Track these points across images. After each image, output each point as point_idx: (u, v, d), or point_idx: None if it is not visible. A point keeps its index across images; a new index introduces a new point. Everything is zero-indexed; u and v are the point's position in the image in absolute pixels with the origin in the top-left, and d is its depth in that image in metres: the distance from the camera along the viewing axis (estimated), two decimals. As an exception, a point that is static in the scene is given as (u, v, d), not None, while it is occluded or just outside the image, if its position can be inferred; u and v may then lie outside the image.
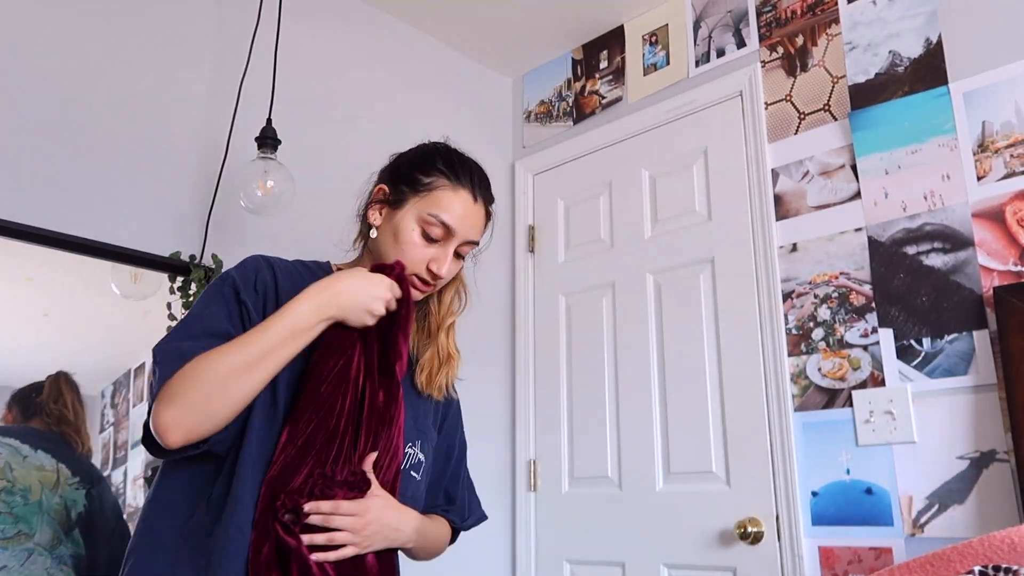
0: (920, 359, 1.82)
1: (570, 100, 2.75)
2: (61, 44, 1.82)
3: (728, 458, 2.09)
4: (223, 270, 1.88)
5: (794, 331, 2.04)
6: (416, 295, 1.23)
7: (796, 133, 2.14)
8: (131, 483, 1.76)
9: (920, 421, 1.80)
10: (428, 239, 1.21)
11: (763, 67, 2.24)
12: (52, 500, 1.56)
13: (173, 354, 1.03)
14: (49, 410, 1.64)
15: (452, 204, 1.21)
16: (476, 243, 1.27)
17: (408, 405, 1.21)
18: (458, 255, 1.25)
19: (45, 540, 1.53)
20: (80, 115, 1.82)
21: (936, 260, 1.84)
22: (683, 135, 2.40)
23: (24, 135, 1.73)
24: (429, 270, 1.21)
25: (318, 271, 1.24)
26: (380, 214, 1.24)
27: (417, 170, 1.23)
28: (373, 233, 1.24)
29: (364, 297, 1.11)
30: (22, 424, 1.61)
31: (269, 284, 1.16)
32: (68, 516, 1.58)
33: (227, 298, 1.12)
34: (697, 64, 2.41)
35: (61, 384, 1.68)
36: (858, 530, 1.85)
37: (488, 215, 1.28)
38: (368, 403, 1.10)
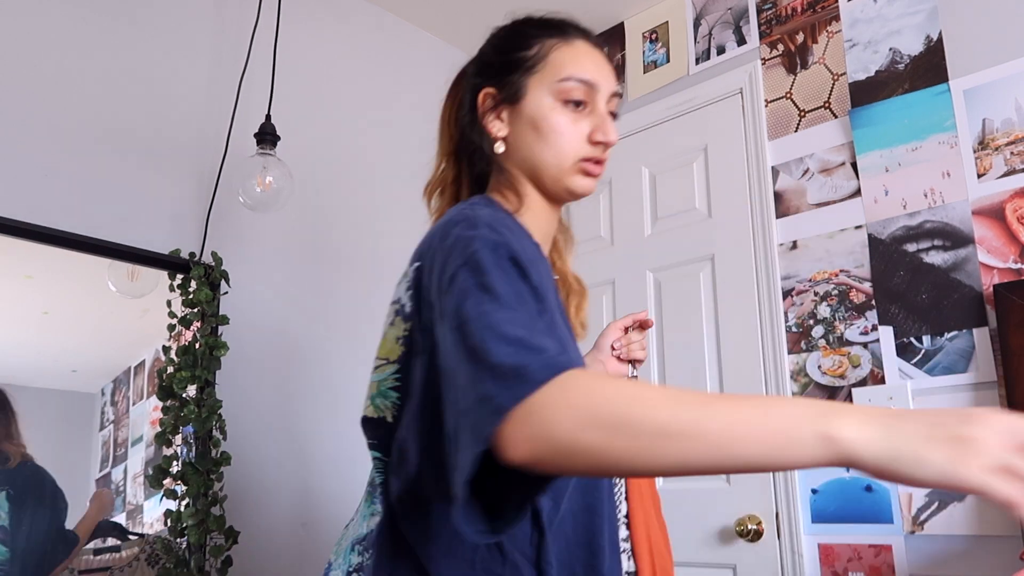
0: (920, 357, 1.82)
1: (570, 97, 2.75)
2: (59, 42, 1.81)
3: (728, 456, 2.09)
4: (221, 267, 1.88)
5: (794, 329, 2.04)
6: (592, 185, 1.03)
7: (796, 130, 2.14)
8: (131, 481, 1.76)
9: (920, 419, 1.79)
10: (575, 108, 0.99)
11: (763, 64, 2.24)
12: None
13: (565, 362, 0.67)
14: None
15: (578, 57, 1.00)
16: (619, 94, 1.05)
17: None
18: (611, 115, 1.03)
19: None
20: (79, 112, 1.82)
21: (936, 258, 1.84)
22: (683, 132, 2.39)
23: (23, 132, 1.72)
24: (595, 143, 1.00)
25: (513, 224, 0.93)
26: (501, 119, 1.01)
27: (516, 50, 1.01)
28: (499, 147, 1.00)
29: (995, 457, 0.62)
30: None
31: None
32: None
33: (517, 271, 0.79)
34: (697, 61, 2.41)
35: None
36: (858, 527, 1.85)
37: (610, 60, 1.07)
38: None
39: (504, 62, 1.02)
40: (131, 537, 1.73)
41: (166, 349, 1.80)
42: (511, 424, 0.65)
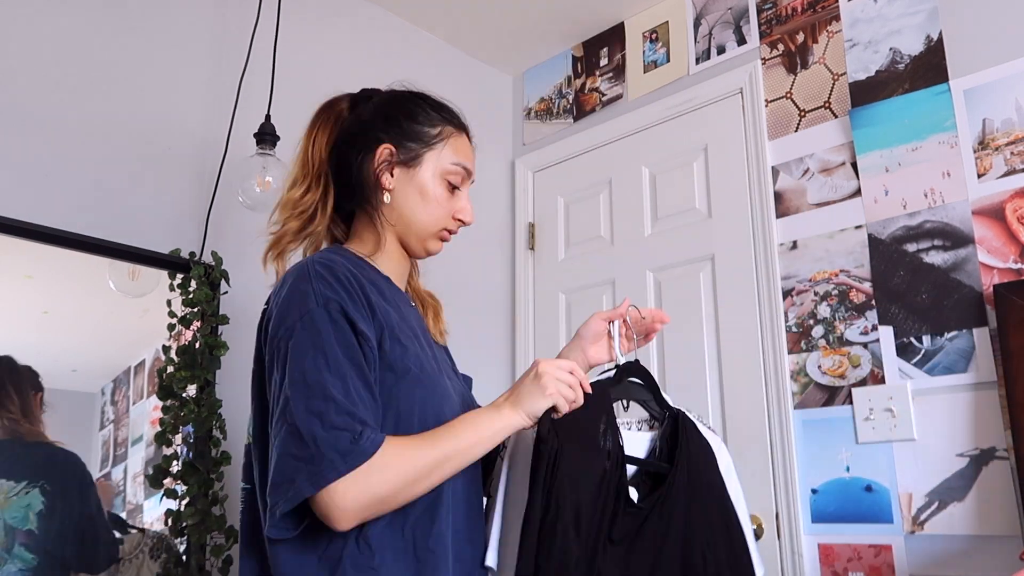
0: (920, 357, 1.82)
1: (570, 97, 2.75)
2: (59, 41, 1.81)
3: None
4: (221, 267, 1.88)
5: (794, 328, 2.04)
6: (438, 249, 1.21)
7: (796, 130, 2.14)
8: (131, 480, 1.76)
9: (920, 419, 1.80)
10: (450, 189, 1.17)
11: (763, 64, 2.24)
12: None
13: (358, 451, 0.93)
14: (12, 417, 1.57)
15: (464, 149, 1.20)
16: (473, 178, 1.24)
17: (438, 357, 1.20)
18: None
19: None
20: (79, 112, 1.82)
21: (936, 258, 1.83)
22: (683, 132, 2.39)
23: (23, 132, 1.72)
24: (458, 219, 1.19)
25: (363, 264, 1.13)
26: (392, 175, 1.15)
27: (422, 125, 1.17)
28: (387, 198, 1.14)
29: (559, 387, 1.07)
30: (6, 437, 1.55)
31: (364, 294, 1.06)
32: (11, 533, 1.51)
33: (342, 329, 0.99)
34: (697, 61, 2.41)
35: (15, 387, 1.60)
36: (858, 527, 1.85)
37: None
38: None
39: (409, 130, 1.16)
40: (131, 531, 1.73)
41: (166, 349, 1.80)
42: (340, 486, 0.91)
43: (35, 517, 1.56)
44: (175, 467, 1.73)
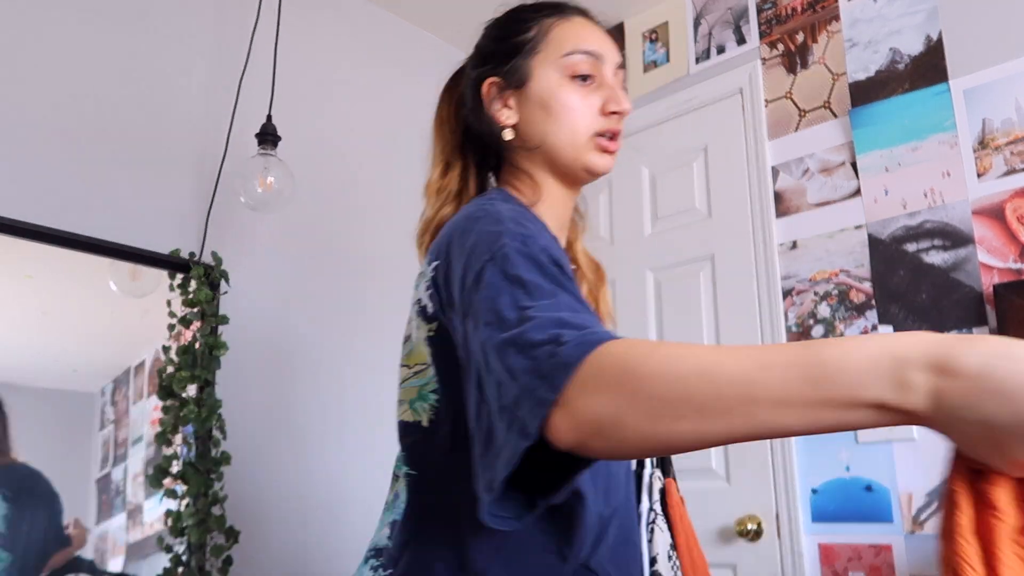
0: (920, 356, 1.82)
1: (570, 97, 2.75)
2: (60, 41, 1.81)
3: (728, 455, 2.09)
4: (221, 267, 1.88)
5: (794, 328, 2.04)
6: (610, 163, 0.98)
7: (796, 130, 2.14)
8: (131, 480, 1.76)
9: (920, 418, 1.80)
10: (583, 82, 0.96)
11: (763, 64, 2.24)
12: None
13: (589, 335, 0.62)
14: None
15: (578, 31, 1.00)
16: (623, 66, 1.04)
17: None
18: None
19: None
20: (79, 112, 1.81)
21: (936, 257, 1.84)
22: (683, 132, 2.40)
23: (23, 132, 1.72)
24: (609, 113, 0.96)
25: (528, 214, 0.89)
26: (508, 107, 0.98)
27: (515, 35, 0.99)
28: (508, 134, 0.97)
29: None
30: None
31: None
32: None
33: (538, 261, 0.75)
34: (697, 61, 2.41)
35: None
36: (858, 527, 1.85)
37: (611, 38, 1.06)
38: None
39: (504, 49, 0.99)
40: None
41: (166, 349, 1.80)
42: (555, 414, 0.60)
43: (3, 521, 1.57)
44: (175, 467, 1.73)
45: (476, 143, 1.03)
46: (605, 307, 1.09)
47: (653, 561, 1.03)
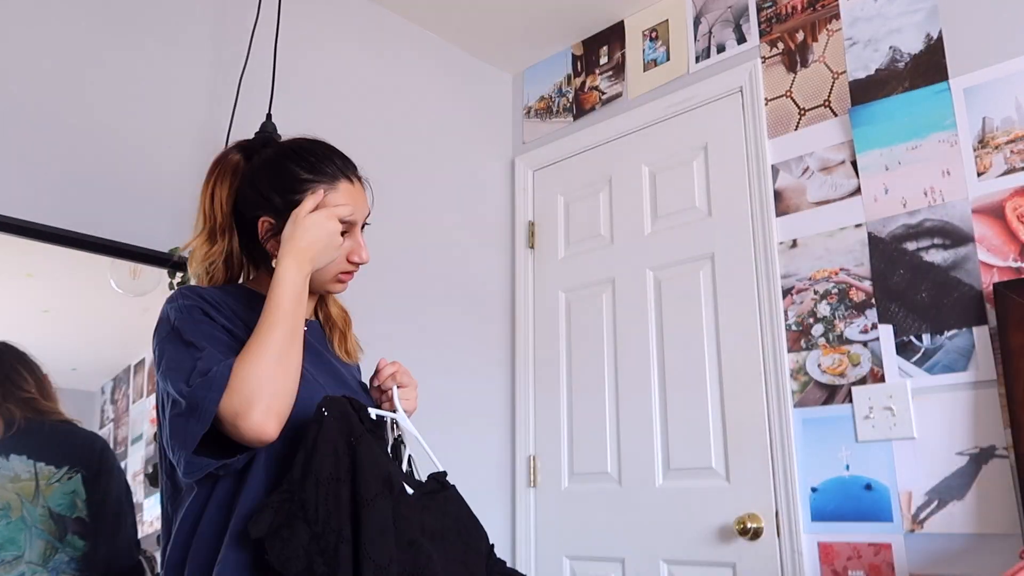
0: (920, 355, 1.82)
1: (570, 96, 2.75)
2: (60, 39, 1.81)
3: (728, 454, 2.09)
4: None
5: (794, 327, 2.04)
6: (344, 288, 1.29)
7: (796, 129, 2.14)
8: (132, 478, 1.76)
9: (920, 417, 1.80)
10: (340, 235, 1.22)
11: (763, 63, 2.24)
12: (35, 512, 1.48)
13: (215, 377, 1.03)
14: (13, 396, 1.53)
15: (338, 200, 1.22)
16: (368, 214, 1.30)
17: (333, 371, 1.29)
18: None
19: (36, 556, 1.45)
20: (79, 110, 1.82)
21: (936, 256, 1.84)
22: (683, 131, 2.39)
23: (23, 131, 1.72)
24: (351, 261, 1.25)
25: (238, 292, 1.24)
26: (277, 241, 1.20)
27: (289, 193, 1.21)
28: (275, 263, 1.18)
29: (327, 237, 1.17)
30: (30, 418, 1.53)
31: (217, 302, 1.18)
32: (60, 521, 1.50)
33: (198, 319, 1.12)
34: (697, 60, 2.41)
35: (6, 362, 1.57)
36: (857, 526, 1.85)
37: (365, 186, 1.31)
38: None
39: (278, 203, 1.20)
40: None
41: (166, 347, 1.80)
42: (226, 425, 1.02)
43: (83, 504, 1.54)
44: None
45: (245, 238, 1.25)
46: (345, 347, 1.39)
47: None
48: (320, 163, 1.24)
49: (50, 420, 1.59)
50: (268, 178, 1.23)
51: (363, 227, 1.28)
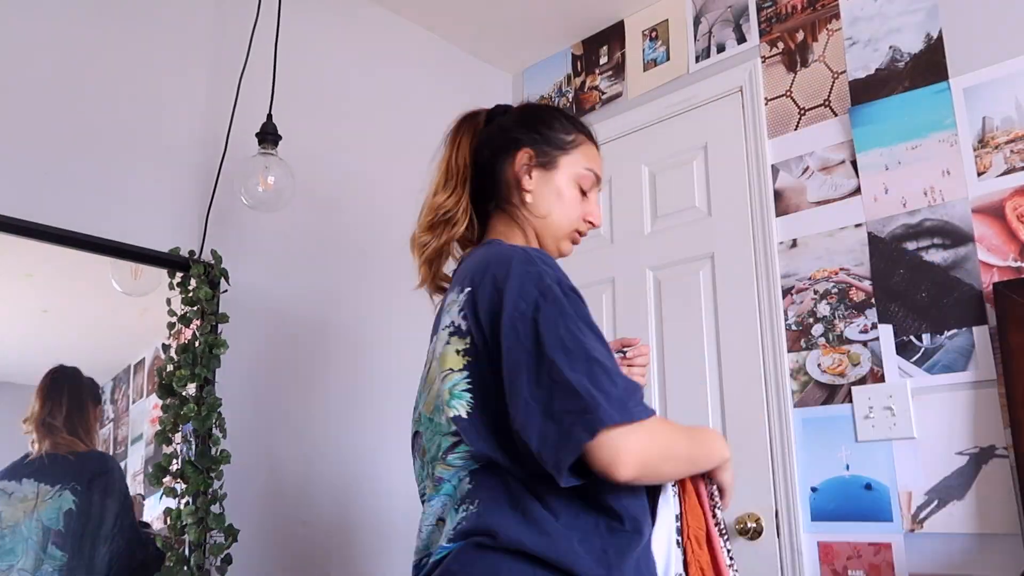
0: (920, 355, 1.82)
1: (570, 96, 2.75)
2: (59, 39, 1.81)
3: (728, 454, 2.09)
4: (221, 266, 1.88)
5: (794, 327, 2.04)
6: (571, 250, 1.29)
7: (796, 129, 2.14)
8: (131, 478, 1.76)
9: (919, 417, 1.80)
10: (581, 192, 1.26)
11: (763, 62, 2.24)
12: (32, 526, 1.57)
13: (616, 396, 0.95)
14: (55, 429, 1.65)
15: (595, 157, 1.29)
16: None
17: None
18: None
19: (29, 565, 1.55)
20: (80, 110, 1.82)
21: (936, 256, 1.83)
22: (683, 131, 2.39)
23: (23, 130, 1.72)
24: (588, 222, 1.27)
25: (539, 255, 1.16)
26: (531, 177, 1.24)
27: (558, 132, 1.26)
28: (528, 198, 1.23)
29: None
30: (48, 451, 1.64)
31: None
32: (46, 533, 1.59)
33: (579, 304, 1.06)
34: (697, 60, 2.41)
35: (52, 392, 1.66)
36: (857, 526, 1.85)
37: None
38: None
39: (547, 135, 1.25)
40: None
41: (166, 347, 1.80)
42: (600, 443, 0.93)
43: (63, 516, 1.61)
44: (175, 466, 1.73)
45: (485, 185, 1.27)
46: None
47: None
48: (578, 121, 1.31)
49: (63, 454, 1.66)
50: (530, 119, 1.28)
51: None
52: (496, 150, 1.26)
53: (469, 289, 1.08)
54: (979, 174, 1.80)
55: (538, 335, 0.98)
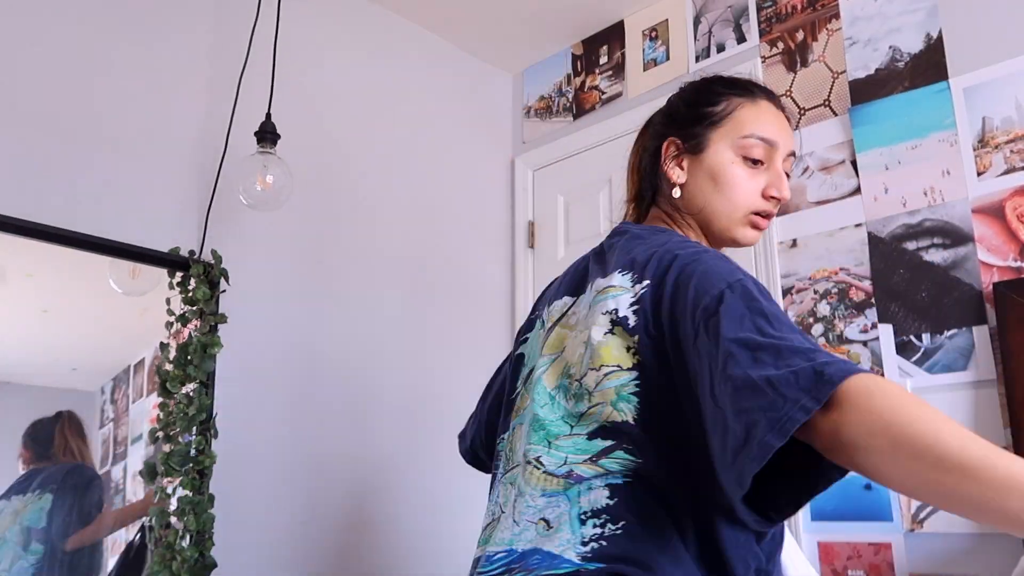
0: (920, 355, 1.82)
1: (570, 95, 2.75)
2: (58, 38, 1.81)
3: (727, 454, 2.09)
4: (221, 265, 1.88)
5: (794, 327, 2.04)
6: (757, 237, 1.10)
7: (796, 128, 2.13)
8: (131, 479, 1.76)
9: (919, 417, 1.79)
10: (752, 165, 1.07)
11: (763, 62, 2.24)
12: (14, 530, 1.62)
13: (806, 375, 0.74)
14: (58, 458, 1.71)
15: (761, 116, 1.08)
16: (795, 154, 1.12)
17: None
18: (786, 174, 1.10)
19: (7, 564, 1.60)
20: (78, 110, 1.82)
21: (936, 256, 1.83)
22: (683, 130, 2.39)
23: (22, 130, 1.72)
24: (769, 197, 1.07)
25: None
26: (681, 167, 1.09)
27: (703, 105, 1.10)
28: (676, 192, 1.09)
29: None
30: (35, 464, 1.68)
31: None
32: (28, 533, 1.64)
33: (769, 297, 0.88)
34: (697, 59, 2.41)
35: (67, 432, 1.72)
36: (857, 525, 1.85)
37: (790, 121, 1.13)
38: None
39: (691, 115, 1.10)
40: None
41: (164, 347, 1.80)
42: (816, 422, 0.73)
43: (45, 516, 1.64)
44: (168, 465, 1.73)
45: (648, 189, 1.15)
46: None
47: None
48: (741, 81, 1.12)
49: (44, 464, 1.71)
50: (673, 102, 1.15)
51: (788, 173, 1.11)
52: (651, 150, 1.14)
53: (646, 282, 0.94)
54: (979, 174, 1.80)
55: (719, 333, 0.82)
